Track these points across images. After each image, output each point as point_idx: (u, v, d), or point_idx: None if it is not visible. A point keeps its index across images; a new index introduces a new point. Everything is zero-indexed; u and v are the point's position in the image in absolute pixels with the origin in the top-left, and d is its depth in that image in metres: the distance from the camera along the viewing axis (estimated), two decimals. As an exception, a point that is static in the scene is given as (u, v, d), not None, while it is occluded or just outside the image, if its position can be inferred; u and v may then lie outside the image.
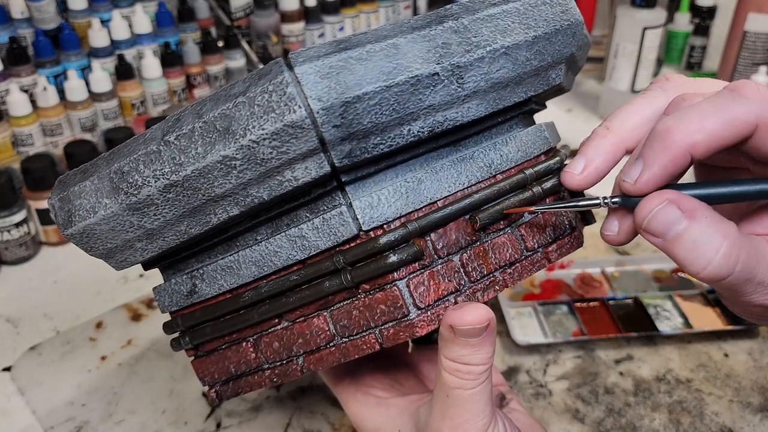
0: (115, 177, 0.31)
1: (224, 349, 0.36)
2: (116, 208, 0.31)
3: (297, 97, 0.27)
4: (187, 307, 0.37)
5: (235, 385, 0.37)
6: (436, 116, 0.30)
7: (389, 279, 0.30)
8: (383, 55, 0.28)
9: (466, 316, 0.30)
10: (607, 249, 0.72)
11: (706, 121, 0.26)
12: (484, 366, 0.31)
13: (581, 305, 0.62)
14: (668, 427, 0.51)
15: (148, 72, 0.85)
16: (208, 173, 0.29)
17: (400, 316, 0.30)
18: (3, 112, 0.75)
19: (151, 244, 0.33)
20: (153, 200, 0.31)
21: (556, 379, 0.55)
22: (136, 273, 0.69)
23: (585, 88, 1.13)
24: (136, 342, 0.60)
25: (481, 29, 0.31)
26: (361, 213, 0.30)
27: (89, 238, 0.33)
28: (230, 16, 0.98)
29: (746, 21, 0.99)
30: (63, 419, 0.53)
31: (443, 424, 0.32)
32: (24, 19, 0.80)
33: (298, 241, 0.31)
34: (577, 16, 0.34)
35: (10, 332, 0.62)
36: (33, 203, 0.70)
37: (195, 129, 0.29)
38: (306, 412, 0.53)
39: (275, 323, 0.34)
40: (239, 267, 0.34)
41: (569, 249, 0.36)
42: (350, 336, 0.32)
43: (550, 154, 0.37)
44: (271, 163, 0.28)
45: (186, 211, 0.31)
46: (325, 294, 0.32)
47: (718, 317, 0.60)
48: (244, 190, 0.30)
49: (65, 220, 0.34)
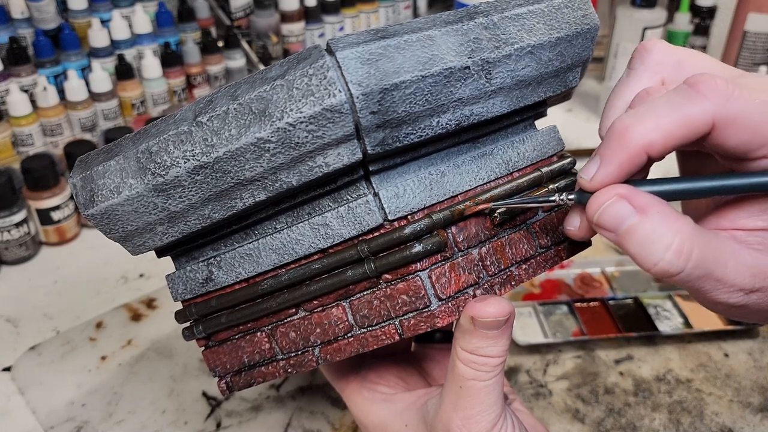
0: (143, 157, 0.30)
1: (237, 339, 0.36)
2: (142, 189, 0.31)
3: (337, 81, 0.27)
4: (202, 295, 0.36)
5: (247, 376, 0.36)
6: (463, 110, 0.31)
7: (412, 269, 0.30)
8: (420, 46, 0.29)
9: (489, 308, 0.30)
10: (607, 249, 0.72)
11: (662, 120, 0.26)
12: (500, 358, 0.31)
13: (581, 305, 0.62)
14: (668, 427, 0.51)
15: (148, 72, 0.85)
16: (240, 155, 0.29)
17: (421, 306, 0.30)
18: (3, 112, 0.75)
19: (172, 228, 0.32)
20: (180, 182, 0.30)
21: (556, 379, 0.55)
22: (136, 273, 0.69)
23: (585, 88, 1.13)
24: (136, 342, 0.60)
25: (509, 27, 0.31)
26: (387, 202, 0.30)
27: (110, 219, 0.33)
28: (230, 16, 0.98)
29: (746, 21, 0.99)
30: (63, 419, 0.53)
31: (454, 416, 0.32)
32: (24, 19, 0.80)
33: (322, 230, 0.31)
34: (596, 21, 0.35)
35: (10, 332, 0.62)
36: (33, 203, 0.70)
37: (229, 111, 0.29)
38: (306, 412, 0.53)
39: (292, 313, 0.34)
40: (259, 255, 0.33)
41: (579, 248, 0.37)
42: (370, 326, 0.32)
43: (562, 154, 0.38)
44: (305, 147, 0.28)
45: (212, 195, 0.31)
46: (347, 283, 0.32)
47: (718, 317, 0.60)
48: (274, 175, 0.30)
49: (87, 199, 0.33)
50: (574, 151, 0.91)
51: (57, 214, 0.71)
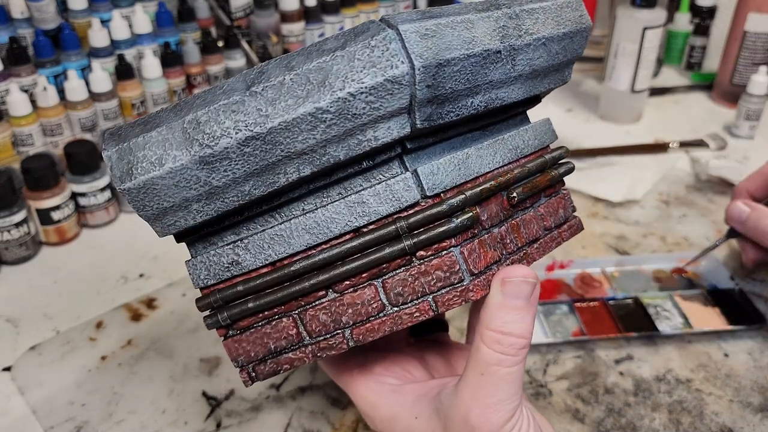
0: (189, 127, 0.30)
1: (262, 326, 0.35)
2: (187, 161, 0.30)
3: (400, 52, 0.28)
4: (225, 280, 0.35)
5: (273, 363, 0.36)
6: (491, 93, 0.33)
7: (446, 245, 0.31)
8: (464, 27, 0.30)
9: (518, 270, 0.31)
10: (607, 249, 0.72)
11: None
12: (525, 340, 0.32)
13: (581, 305, 0.62)
14: (668, 427, 0.51)
15: (148, 72, 0.85)
16: (294, 126, 0.29)
17: (456, 281, 0.31)
18: (3, 112, 0.75)
19: (207, 206, 0.32)
20: (229, 153, 0.30)
21: (556, 379, 0.55)
22: (136, 273, 0.69)
23: (585, 88, 1.13)
24: (136, 342, 0.60)
25: (527, 19, 0.34)
26: (425, 179, 0.31)
27: (147, 194, 0.32)
28: (230, 16, 0.98)
29: (746, 21, 0.99)
30: (63, 419, 0.53)
31: (473, 405, 0.32)
32: (24, 19, 0.80)
33: (358, 207, 0.32)
34: (589, 22, 0.38)
35: (10, 332, 0.62)
36: (33, 203, 0.70)
37: (285, 81, 0.29)
38: (306, 412, 0.53)
39: (322, 295, 0.34)
40: (291, 235, 0.33)
41: (575, 231, 0.40)
42: (404, 304, 0.32)
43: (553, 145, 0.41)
44: (360, 119, 0.29)
45: (257, 169, 0.30)
46: (384, 260, 0.32)
47: (718, 317, 0.61)
48: (323, 149, 0.30)
49: (123, 173, 0.32)
50: (574, 151, 0.91)
51: (57, 214, 0.71)
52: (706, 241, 0.74)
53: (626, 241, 0.74)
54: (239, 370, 0.36)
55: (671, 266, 0.68)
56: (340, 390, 0.54)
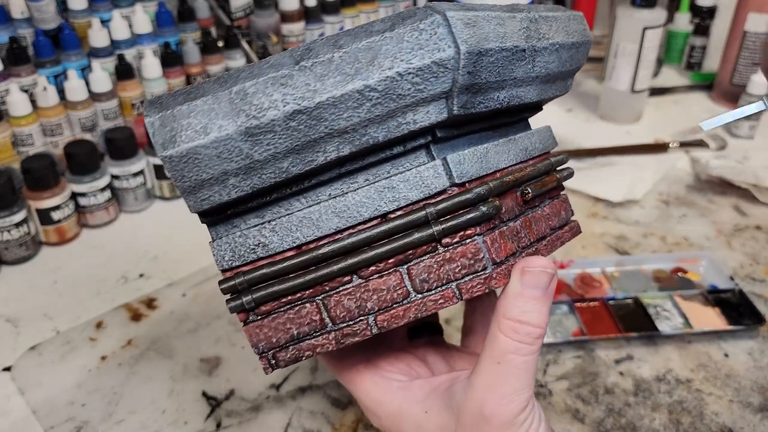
0: (236, 98, 0.30)
1: (284, 311, 0.35)
2: (232, 131, 0.31)
3: (447, 37, 0.29)
4: (250, 262, 0.35)
5: (294, 350, 0.35)
6: (513, 90, 0.34)
7: (471, 233, 0.32)
8: (497, 22, 0.31)
9: (538, 261, 0.32)
10: (607, 249, 0.72)
11: None
12: (541, 330, 0.33)
13: (581, 305, 0.62)
14: (668, 427, 0.51)
15: (148, 72, 0.85)
16: (341, 103, 0.30)
17: (480, 269, 0.32)
18: (3, 112, 0.75)
19: (244, 181, 0.32)
20: (274, 126, 0.30)
21: (556, 379, 0.55)
22: (136, 273, 0.69)
23: (585, 88, 1.13)
24: (136, 342, 0.60)
25: (543, 25, 0.35)
26: (454, 167, 0.32)
27: (188, 163, 0.32)
28: (230, 16, 0.98)
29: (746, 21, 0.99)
30: (63, 419, 0.53)
31: (488, 396, 0.32)
32: (24, 19, 0.80)
33: (387, 193, 0.32)
34: (590, 37, 0.40)
35: (10, 332, 0.62)
36: (33, 203, 0.70)
37: (334, 58, 0.29)
38: (306, 412, 0.53)
39: (347, 281, 0.34)
40: (320, 218, 0.33)
41: (575, 233, 0.41)
42: (428, 291, 0.33)
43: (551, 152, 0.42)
44: (404, 100, 0.30)
45: (298, 145, 0.31)
46: (411, 246, 0.32)
47: (718, 317, 0.61)
48: (364, 128, 0.31)
49: (166, 140, 0.32)
50: (574, 151, 0.91)
51: (57, 214, 0.71)
52: (706, 241, 0.74)
53: (626, 241, 0.74)
54: (259, 357, 0.36)
55: (671, 266, 0.68)
56: (340, 390, 0.54)
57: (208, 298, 0.65)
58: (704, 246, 0.73)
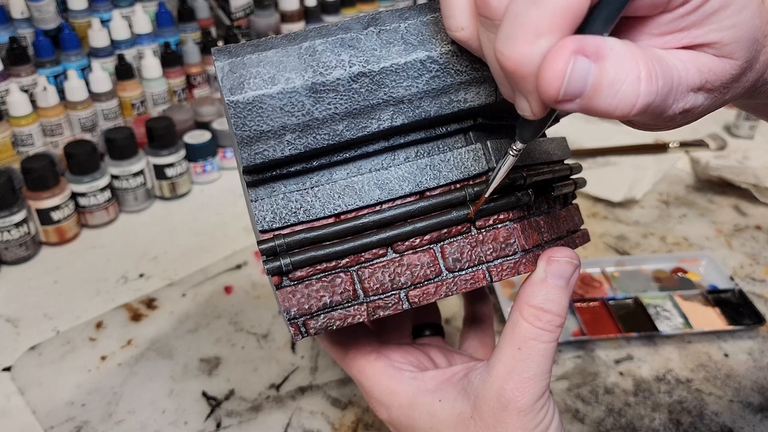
0: (306, 54, 0.32)
1: (318, 278, 0.35)
2: (299, 84, 0.31)
3: None
4: (290, 225, 0.35)
5: (326, 318, 0.35)
6: None
7: (504, 218, 0.33)
8: None
9: (564, 251, 0.33)
10: (607, 249, 0.72)
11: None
12: (562, 318, 0.33)
13: (581, 305, 0.62)
14: (668, 427, 0.51)
15: (148, 72, 0.85)
16: (403, 71, 0.31)
17: (510, 253, 0.33)
18: (3, 112, 0.75)
19: (299, 139, 0.33)
20: (338, 86, 0.32)
21: (556, 379, 0.55)
22: (136, 273, 0.69)
23: (585, 88, 1.13)
24: (136, 342, 0.60)
25: None
26: (493, 153, 0.33)
27: (252, 111, 0.32)
28: (230, 16, 0.98)
29: (746, 21, 0.98)
30: (63, 419, 0.53)
31: (508, 380, 0.33)
32: (24, 19, 0.80)
33: (429, 171, 0.33)
34: None
35: (10, 332, 0.62)
36: (33, 203, 0.70)
37: (400, 28, 0.31)
38: (306, 412, 0.53)
39: (382, 254, 0.34)
40: (362, 189, 0.34)
41: (584, 240, 0.41)
42: (460, 270, 0.34)
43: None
44: (460, 76, 0.31)
45: (356, 109, 0.32)
46: (449, 224, 0.33)
47: (718, 317, 0.61)
48: (420, 100, 0.32)
49: (234, 85, 0.32)
50: (574, 151, 0.91)
51: (57, 214, 0.71)
52: (706, 241, 0.74)
53: (626, 241, 0.74)
54: (289, 324, 0.35)
55: (671, 266, 0.68)
56: (340, 390, 0.54)
57: (208, 298, 0.65)
58: (704, 246, 0.73)
